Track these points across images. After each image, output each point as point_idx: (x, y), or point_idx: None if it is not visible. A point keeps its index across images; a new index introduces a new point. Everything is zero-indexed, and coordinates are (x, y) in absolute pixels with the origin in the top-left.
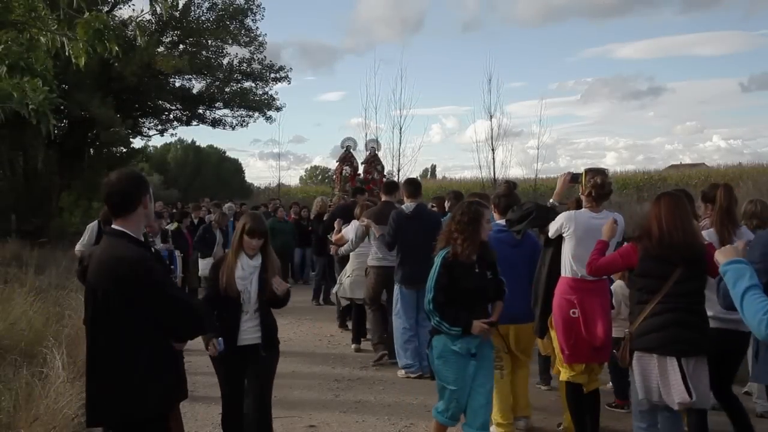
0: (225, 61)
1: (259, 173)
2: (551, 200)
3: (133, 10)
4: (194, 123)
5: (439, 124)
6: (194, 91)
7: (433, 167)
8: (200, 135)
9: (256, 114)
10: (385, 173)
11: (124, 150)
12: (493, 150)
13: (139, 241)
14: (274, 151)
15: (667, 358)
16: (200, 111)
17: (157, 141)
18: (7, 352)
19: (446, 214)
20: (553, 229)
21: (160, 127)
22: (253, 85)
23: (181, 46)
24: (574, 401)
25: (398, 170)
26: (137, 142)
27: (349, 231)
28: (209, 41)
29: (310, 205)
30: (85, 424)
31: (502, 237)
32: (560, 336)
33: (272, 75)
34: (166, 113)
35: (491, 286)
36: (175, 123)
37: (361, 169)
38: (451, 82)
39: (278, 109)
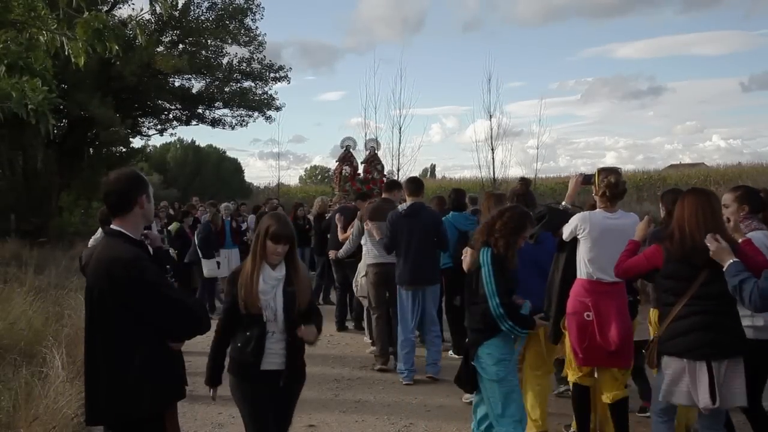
0: (224, 61)
1: (258, 173)
2: (563, 203)
3: (133, 9)
4: (194, 123)
5: (439, 124)
6: (194, 90)
7: (433, 167)
8: (200, 135)
9: (256, 114)
10: (385, 173)
11: (124, 150)
12: (492, 150)
13: (135, 241)
14: (274, 150)
15: (697, 362)
16: (200, 111)
17: (156, 141)
18: (7, 351)
19: (447, 213)
20: (567, 231)
21: (159, 126)
22: (253, 84)
23: (180, 46)
24: (579, 402)
25: (398, 170)
26: (137, 142)
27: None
28: (209, 41)
29: (310, 204)
30: (84, 423)
31: None
32: (573, 339)
33: (272, 75)
34: (166, 113)
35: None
36: (174, 123)
37: (360, 169)
38: (451, 81)
39: (278, 108)
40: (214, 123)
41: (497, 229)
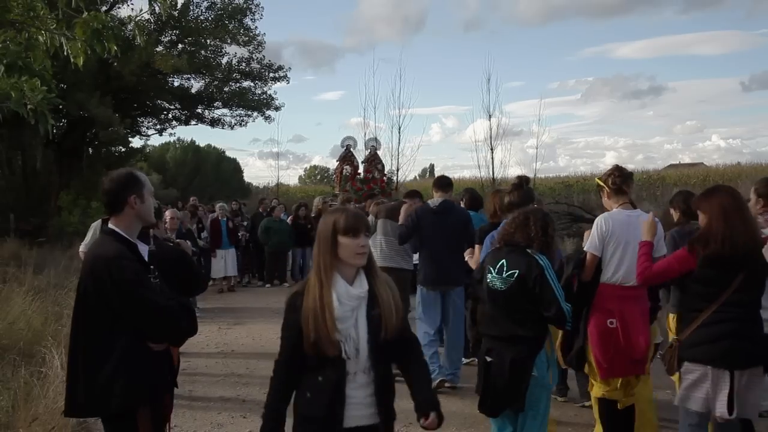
0: (224, 61)
1: (258, 173)
2: (585, 245)
3: (132, 9)
4: (193, 122)
5: (439, 124)
6: (193, 90)
7: (432, 166)
8: (199, 134)
9: (255, 113)
10: (385, 172)
11: (123, 149)
12: (492, 149)
13: (126, 240)
14: (274, 150)
15: (720, 370)
16: (199, 110)
17: (155, 140)
18: (6, 351)
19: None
20: (595, 237)
21: (158, 126)
22: (252, 84)
23: (179, 46)
24: (609, 418)
25: (397, 169)
26: (136, 142)
27: None
28: (208, 41)
29: (310, 204)
30: (84, 423)
31: None
32: (596, 349)
33: (271, 74)
34: (165, 113)
35: None
36: (173, 122)
37: (361, 168)
38: (451, 81)
39: (277, 108)
40: (214, 123)
41: (549, 235)
